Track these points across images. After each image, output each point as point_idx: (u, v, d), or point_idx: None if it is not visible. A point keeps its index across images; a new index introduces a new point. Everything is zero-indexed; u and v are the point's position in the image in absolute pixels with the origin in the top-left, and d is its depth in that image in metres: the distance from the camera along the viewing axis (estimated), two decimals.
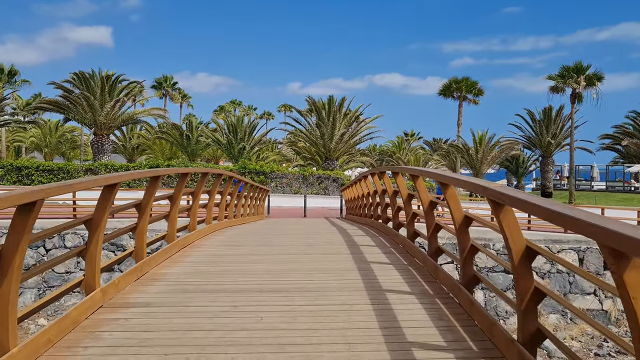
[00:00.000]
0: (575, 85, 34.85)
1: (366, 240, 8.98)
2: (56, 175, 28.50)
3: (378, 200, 11.47)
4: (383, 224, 10.41)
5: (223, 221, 11.74)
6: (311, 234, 10.50)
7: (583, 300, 19.03)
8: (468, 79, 42.60)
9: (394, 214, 9.06)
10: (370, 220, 12.27)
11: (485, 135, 32.98)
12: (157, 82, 63.51)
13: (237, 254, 7.50)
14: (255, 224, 13.80)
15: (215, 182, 10.61)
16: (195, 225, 9.06)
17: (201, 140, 37.83)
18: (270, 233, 10.51)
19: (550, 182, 44.02)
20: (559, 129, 43.29)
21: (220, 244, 8.48)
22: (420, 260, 6.63)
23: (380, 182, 10.94)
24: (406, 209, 7.72)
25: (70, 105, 30.43)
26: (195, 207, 9.10)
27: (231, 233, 10.22)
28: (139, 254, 6.19)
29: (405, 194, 7.70)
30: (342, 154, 35.78)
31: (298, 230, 11.66)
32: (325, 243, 8.62)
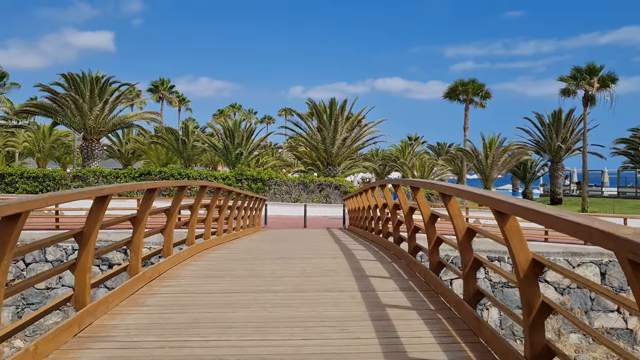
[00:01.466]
0: (588, 87, 33.30)
1: (376, 267, 7.41)
2: (41, 182, 27.00)
3: (388, 216, 9.94)
4: (395, 244, 8.87)
5: (209, 240, 10.21)
6: (310, 255, 8.95)
7: (606, 318, 17.48)
8: (475, 81, 41.06)
9: (410, 236, 7.52)
10: (379, 238, 10.75)
11: (496, 139, 31.41)
12: (154, 86, 62.03)
13: (215, 292, 5.93)
14: (247, 241, 12.24)
15: (198, 195, 9.07)
16: (170, 250, 7.52)
17: (197, 146, 36.27)
18: (262, 255, 8.94)
19: (560, 189, 42.38)
20: (569, 133, 41.68)
21: (198, 275, 6.92)
22: (453, 304, 5.06)
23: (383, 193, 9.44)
24: (428, 233, 6.17)
25: (57, 109, 28.88)
26: (170, 228, 7.55)
27: (215, 256, 8.66)
28: (78, 299, 4.63)
29: (428, 214, 6.16)
30: (344, 159, 34.19)
31: (295, 249, 10.09)
32: (326, 272, 7.06)
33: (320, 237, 14.10)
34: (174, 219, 7.60)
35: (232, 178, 27.56)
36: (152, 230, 7.12)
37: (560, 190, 42.47)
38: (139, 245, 6.10)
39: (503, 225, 3.54)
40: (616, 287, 18.30)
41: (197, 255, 8.78)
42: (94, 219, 4.62)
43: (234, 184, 27.44)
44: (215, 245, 10.42)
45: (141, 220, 6.07)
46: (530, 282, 4.17)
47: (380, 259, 8.25)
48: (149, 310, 5.12)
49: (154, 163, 43.31)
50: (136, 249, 6.09)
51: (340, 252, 9.25)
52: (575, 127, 41.79)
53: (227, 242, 11.51)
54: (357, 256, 8.58)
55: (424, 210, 6.23)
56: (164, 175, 27.48)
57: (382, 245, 10.18)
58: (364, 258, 8.31)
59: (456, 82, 41.50)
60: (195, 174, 27.67)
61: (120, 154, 49.08)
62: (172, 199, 7.62)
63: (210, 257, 8.56)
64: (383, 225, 10.37)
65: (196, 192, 10.43)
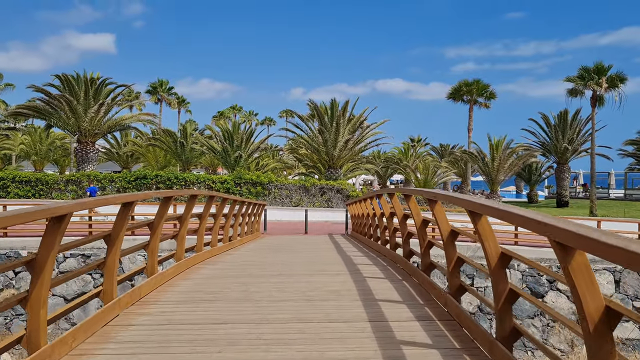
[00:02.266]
0: (596, 87, 32.42)
1: (386, 288, 6.57)
2: (34, 187, 26.19)
3: (397, 227, 9.11)
4: (405, 258, 8.04)
5: (202, 252, 9.38)
6: (311, 271, 8.11)
7: (621, 328, 16.69)
8: (479, 81, 40.19)
9: (423, 251, 6.69)
10: (385, 249, 9.93)
11: (503, 141, 30.52)
12: (152, 87, 61.18)
13: (202, 322, 5.08)
14: (245, 251, 11.41)
15: (188, 205, 8.23)
16: (154, 268, 6.69)
17: (196, 148, 35.42)
18: (258, 271, 8.10)
19: (566, 191, 41.47)
20: (576, 134, 40.78)
21: (184, 298, 6.08)
22: (481, 341, 4.22)
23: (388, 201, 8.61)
24: (448, 252, 5.34)
25: (51, 110, 28.04)
26: (154, 243, 6.72)
27: (206, 273, 7.82)
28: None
29: (447, 230, 5.33)
30: (346, 161, 33.34)
31: (294, 263, 9.25)
32: (329, 294, 6.22)
33: (322, 246, 13.28)
34: (158, 233, 6.76)
35: (231, 182, 26.72)
36: (133, 248, 6.29)
37: (567, 193, 41.57)
38: (113, 266, 5.28)
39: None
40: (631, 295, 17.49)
41: (187, 271, 7.95)
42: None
43: (233, 188, 26.62)
44: (208, 258, 9.59)
45: (116, 238, 5.25)
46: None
47: (389, 276, 7.42)
48: (120, 349, 4.28)
49: (152, 166, 42.52)
50: (110, 271, 5.27)
51: (344, 267, 8.41)
52: (582, 128, 40.91)
53: (222, 254, 10.69)
54: (364, 272, 7.74)
55: (442, 226, 5.39)
56: (160, 179, 26.65)
57: (389, 258, 9.35)
58: (371, 275, 7.48)
59: (460, 82, 40.67)
60: (192, 178, 26.83)
61: (119, 157, 48.33)
62: (157, 211, 6.79)
63: (201, 274, 7.72)
64: (391, 236, 9.54)
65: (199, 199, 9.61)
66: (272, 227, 21.87)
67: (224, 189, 26.41)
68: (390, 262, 9.00)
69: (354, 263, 8.93)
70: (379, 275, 7.46)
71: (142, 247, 6.70)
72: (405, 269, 7.85)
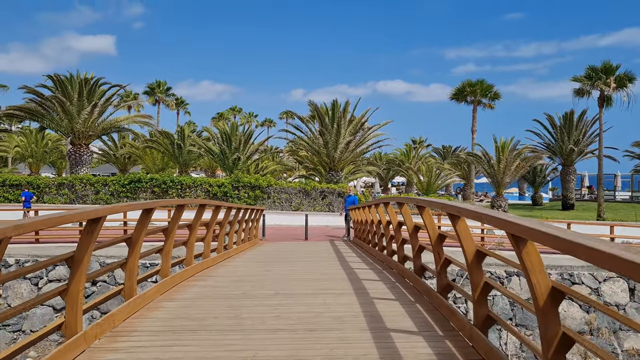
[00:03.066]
0: (604, 87, 31.59)
1: (397, 313, 5.72)
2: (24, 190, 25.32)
3: (406, 238, 8.28)
4: (416, 275, 7.21)
5: (192, 266, 8.55)
6: (311, 289, 7.26)
7: (636, 338, 15.90)
8: (483, 81, 39.33)
9: (439, 270, 5.86)
10: (392, 261, 9.12)
11: (509, 142, 29.68)
12: (150, 88, 60.32)
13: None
14: (240, 262, 10.56)
15: (175, 216, 7.39)
16: (132, 289, 5.85)
17: (194, 150, 34.55)
18: (252, 288, 7.25)
19: (572, 193, 40.64)
20: (582, 135, 39.94)
21: (163, 328, 5.22)
22: None
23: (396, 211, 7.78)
24: (473, 276, 4.50)
25: (43, 112, 27.18)
26: (133, 261, 5.89)
27: (194, 292, 6.97)
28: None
29: (473, 251, 4.49)
30: (347, 163, 32.47)
31: (293, 278, 8.39)
32: (333, 321, 5.38)
33: (323, 255, 12.45)
34: (137, 249, 5.92)
35: (229, 185, 25.86)
36: (106, 268, 5.45)
37: (573, 195, 40.75)
38: (77, 294, 4.44)
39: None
40: None
41: (174, 290, 7.11)
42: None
43: (230, 192, 25.76)
44: (199, 272, 8.76)
45: (81, 260, 4.42)
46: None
47: (399, 296, 6.57)
48: None
49: (150, 168, 41.69)
50: (73, 299, 4.43)
51: (348, 284, 7.57)
52: (588, 129, 40.10)
53: (215, 266, 9.86)
54: (370, 291, 6.90)
55: (467, 246, 4.56)
56: (155, 182, 25.78)
57: (397, 272, 8.52)
58: (379, 295, 6.63)
59: (464, 82, 39.82)
60: (189, 181, 25.96)
61: (116, 159, 47.52)
62: (135, 225, 5.95)
63: (188, 294, 6.88)
64: (399, 247, 8.71)
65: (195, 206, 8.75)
66: (271, 232, 21.05)
67: (221, 192, 25.57)
68: (398, 277, 8.17)
69: (359, 278, 8.09)
70: (387, 296, 6.62)
71: (119, 266, 5.88)
72: (416, 287, 7.02)
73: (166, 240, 7.35)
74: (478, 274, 4.54)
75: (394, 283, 7.58)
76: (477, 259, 4.56)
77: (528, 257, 3.19)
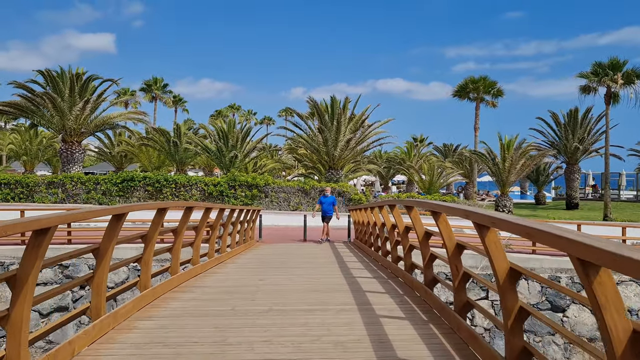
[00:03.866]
0: (611, 84, 30.74)
1: (408, 336, 4.90)
2: (13, 189, 24.48)
3: (413, 243, 7.48)
4: (426, 288, 6.40)
5: (178, 275, 7.73)
6: (309, 304, 6.44)
7: None
8: (486, 78, 38.48)
9: (457, 286, 5.06)
10: (400, 271, 8.31)
11: (514, 140, 28.83)
12: (147, 85, 59.36)
13: None
14: (232, 269, 9.73)
15: (155, 221, 6.56)
16: (100, 308, 5.03)
17: (190, 148, 33.67)
18: (242, 303, 6.42)
19: (576, 192, 39.77)
20: (586, 133, 39.08)
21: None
22: None
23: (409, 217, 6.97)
24: (506, 299, 3.68)
25: (33, 108, 26.30)
26: (101, 276, 5.06)
27: (174, 309, 6.13)
28: None
29: (506, 268, 3.68)
30: (347, 162, 31.61)
31: (289, 289, 7.56)
32: (332, 348, 4.56)
33: (322, 259, 11.64)
34: (107, 261, 5.10)
35: (225, 184, 25.01)
36: (66, 286, 4.62)
37: (577, 194, 39.90)
38: (20, 322, 3.62)
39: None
40: None
41: (153, 304, 6.30)
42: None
43: (227, 191, 24.90)
44: (185, 282, 7.93)
45: (24, 280, 3.60)
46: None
47: (410, 314, 5.75)
48: None
49: (146, 166, 40.85)
50: (16, 327, 3.61)
51: (350, 296, 6.75)
52: (593, 127, 39.25)
53: (204, 273, 9.04)
54: (376, 307, 6.08)
55: (498, 264, 3.73)
56: (149, 181, 24.90)
57: (405, 283, 7.71)
58: (386, 312, 5.81)
59: (466, 79, 38.98)
60: (183, 180, 25.09)
61: (112, 157, 46.69)
62: (104, 234, 5.12)
63: (169, 309, 6.06)
64: (406, 254, 7.90)
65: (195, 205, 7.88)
66: (269, 233, 20.23)
67: (217, 192, 24.72)
68: (406, 288, 7.35)
69: (362, 289, 7.27)
70: (396, 313, 5.80)
71: (85, 281, 5.05)
72: (428, 302, 6.20)
73: (145, 248, 6.54)
74: (512, 297, 3.72)
75: (401, 296, 6.76)
76: (511, 279, 3.74)
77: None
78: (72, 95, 26.35)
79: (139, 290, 6.47)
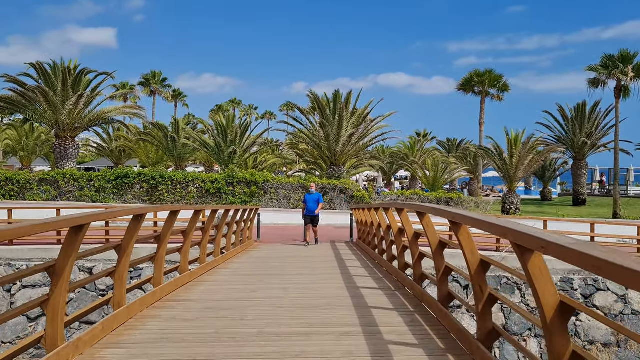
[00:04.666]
0: (621, 77, 29.81)
1: None
2: (3, 187, 23.67)
3: (427, 254, 6.67)
4: (441, 305, 5.59)
5: (161, 287, 6.92)
6: (308, 323, 5.62)
7: None
8: (492, 71, 37.53)
9: (481, 310, 4.23)
10: (409, 281, 7.49)
11: (521, 135, 27.93)
12: (145, 79, 58.46)
13: None
14: (222, 279, 8.90)
15: (131, 227, 5.74)
16: (57, 337, 4.21)
17: (188, 143, 32.83)
18: (229, 325, 5.60)
19: (583, 188, 38.88)
20: (594, 128, 38.14)
21: None
22: None
23: None
24: (555, 341, 2.85)
25: (25, 102, 25.46)
26: (58, 296, 4.24)
27: (149, 333, 5.30)
28: None
29: (555, 302, 2.85)
30: (349, 157, 30.74)
31: (284, 304, 6.73)
32: None
33: (323, 264, 10.84)
34: (64, 280, 4.27)
35: (222, 181, 24.17)
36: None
37: (584, 190, 39.01)
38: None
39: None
40: None
41: (126, 325, 5.47)
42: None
43: (225, 188, 24.07)
44: (169, 295, 7.11)
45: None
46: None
47: (425, 341, 4.91)
48: None
49: (144, 162, 40.07)
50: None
51: (354, 315, 5.93)
52: (602, 121, 38.31)
53: (192, 283, 8.23)
54: (384, 330, 5.25)
55: (546, 297, 2.90)
56: (144, 178, 24.06)
57: (415, 295, 6.89)
58: (397, 338, 4.97)
59: (471, 72, 38.00)
60: (180, 177, 24.25)
61: (111, 153, 45.93)
62: (62, 248, 4.29)
63: (144, 332, 5.24)
64: (416, 263, 7.07)
65: None
66: (268, 232, 19.44)
67: (214, 189, 23.88)
68: (416, 302, 6.53)
69: (367, 305, 6.45)
70: (407, 339, 4.97)
71: (39, 304, 4.24)
72: (444, 325, 5.37)
73: (119, 260, 5.71)
74: (561, 335, 2.90)
75: (412, 315, 5.92)
76: (560, 315, 2.91)
77: None
78: (65, 89, 25.51)
79: (112, 308, 5.66)
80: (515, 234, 2.92)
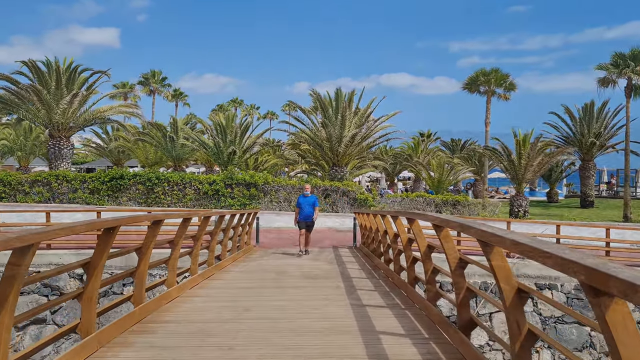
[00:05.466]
0: (632, 75, 28.96)
1: None
2: None
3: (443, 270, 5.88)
4: (464, 336, 4.79)
5: (142, 305, 6.14)
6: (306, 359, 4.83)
7: None
8: (498, 70, 36.70)
9: (518, 353, 3.43)
10: (419, 298, 6.70)
11: (530, 136, 27.10)
12: (144, 78, 57.72)
13: None
14: (214, 294, 8.09)
15: (102, 241, 4.94)
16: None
17: (187, 144, 32.05)
18: (213, 355, 4.81)
19: (591, 190, 37.99)
20: (603, 128, 37.27)
21: None
22: None
23: None
24: None
25: (18, 101, 24.73)
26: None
27: None
28: None
29: None
30: (352, 158, 29.92)
31: (280, 327, 5.93)
32: None
33: (324, 274, 10.05)
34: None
35: (221, 183, 23.37)
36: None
37: (592, 192, 38.13)
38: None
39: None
40: None
41: (94, 357, 4.68)
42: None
43: (223, 190, 23.27)
44: (150, 315, 6.31)
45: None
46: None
47: None
48: None
49: (143, 163, 39.33)
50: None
51: (360, 342, 5.14)
52: (610, 122, 37.45)
53: (180, 297, 7.44)
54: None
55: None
56: (140, 179, 23.30)
57: (426, 315, 6.09)
58: None
59: (477, 72, 37.16)
60: (177, 178, 23.47)
61: (110, 153, 45.27)
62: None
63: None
64: (429, 280, 6.28)
65: None
66: (267, 236, 18.65)
67: (212, 191, 23.10)
68: (430, 325, 5.73)
69: (375, 329, 5.65)
70: None
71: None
72: (463, 354, 4.57)
73: (89, 279, 4.91)
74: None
75: (427, 343, 5.11)
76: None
77: None
78: (58, 87, 24.77)
79: (80, 336, 4.86)
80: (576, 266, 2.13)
